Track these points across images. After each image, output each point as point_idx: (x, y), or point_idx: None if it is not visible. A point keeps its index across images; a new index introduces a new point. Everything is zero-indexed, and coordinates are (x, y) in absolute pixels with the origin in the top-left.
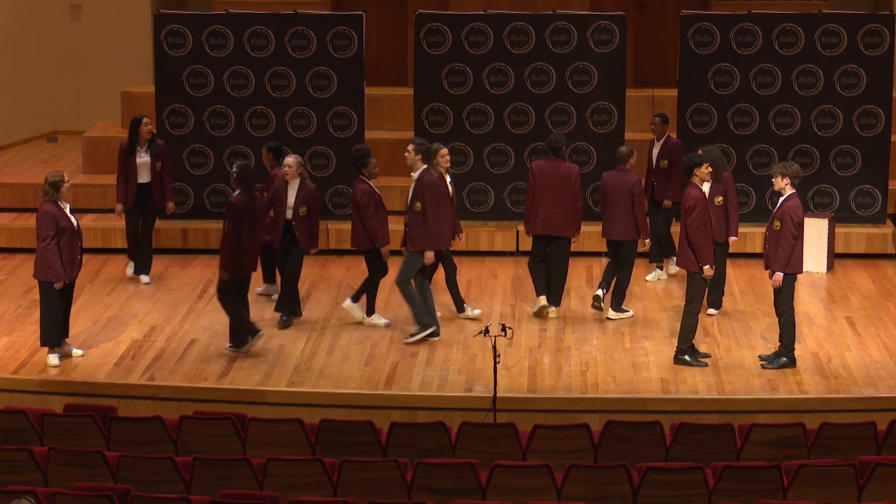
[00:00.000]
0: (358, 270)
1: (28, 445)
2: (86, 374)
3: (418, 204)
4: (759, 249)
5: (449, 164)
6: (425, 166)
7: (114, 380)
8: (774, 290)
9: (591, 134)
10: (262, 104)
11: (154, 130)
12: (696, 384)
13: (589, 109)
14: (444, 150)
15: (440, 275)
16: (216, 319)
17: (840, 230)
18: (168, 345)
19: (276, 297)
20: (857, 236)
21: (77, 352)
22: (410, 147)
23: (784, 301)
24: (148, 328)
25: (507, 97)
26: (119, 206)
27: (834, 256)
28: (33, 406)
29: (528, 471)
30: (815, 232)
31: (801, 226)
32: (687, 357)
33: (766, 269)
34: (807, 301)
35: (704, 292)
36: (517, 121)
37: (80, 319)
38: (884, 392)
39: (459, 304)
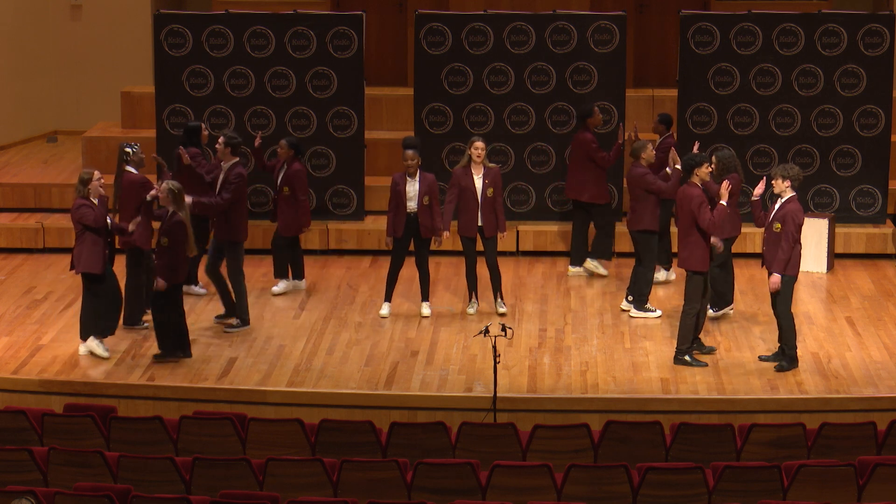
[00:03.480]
0: (358, 270)
1: (28, 445)
2: (86, 374)
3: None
4: (759, 249)
5: (480, 158)
6: (236, 159)
7: (114, 380)
8: (772, 293)
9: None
10: (262, 104)
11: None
12: (696, 384)
13: None
14: (478, 143)
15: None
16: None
17: (840, 230)
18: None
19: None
20: (857, 236)
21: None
22: (221, 140)
23: (783, 303)
24: (148, 328)
25: (507, 97)
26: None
27: (834, 256)
28: (33, 406)
29: (528, 471)
30: (815, 232)
31: (801, 228)
32: (687, 357)
33: (763, 267)
34: (807, 301)
35: (703, 292)
36: (517, 121)
37: None
38: (884, 392)
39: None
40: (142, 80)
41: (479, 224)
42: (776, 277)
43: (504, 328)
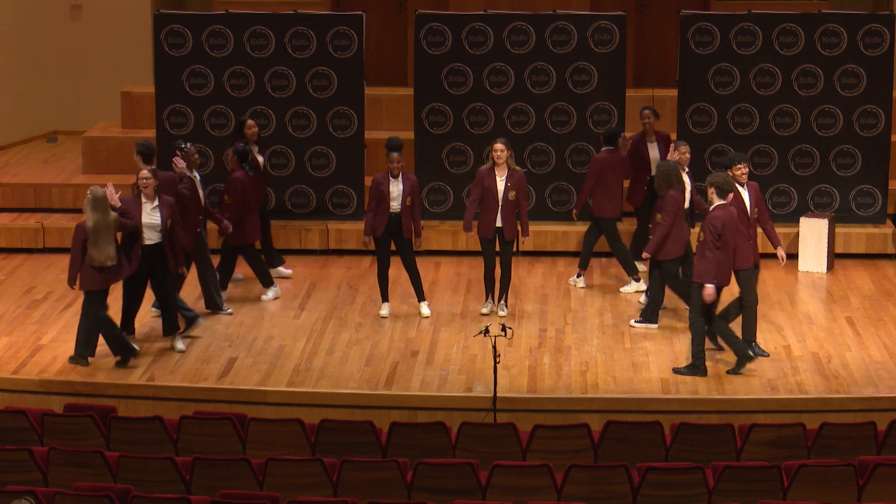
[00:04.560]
0: (358, 270)
1: (28, 445)
2: (86, 374)
3: None
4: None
5: (501, 160)
6: (150, 167)
7: (114, 380)
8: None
9: (591, 134)
10: (262, 104)
11: (256, 131)
12: (696, 384)
13: (589, 109)
14: (496, 145)
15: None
16: (216, 319)
17: (840, 230)
18: (168, 345)
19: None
20: (857, 236)
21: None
22: (135, 149)
23: (694, 310)
24: (148, 328)
25: (507, 97)
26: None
27: (834, 256)
28: (33, 406)
29: (528, 471)
30: (815, 232)
31: (721, 237)
32: (749, 351)
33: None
34: (807, 301)
35: (754, 285)
36: (517, 121)
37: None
38: (884, 392)
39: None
40: (142, 80)
41: (499, 226)
42: (709, 288)
43: (504, 328)
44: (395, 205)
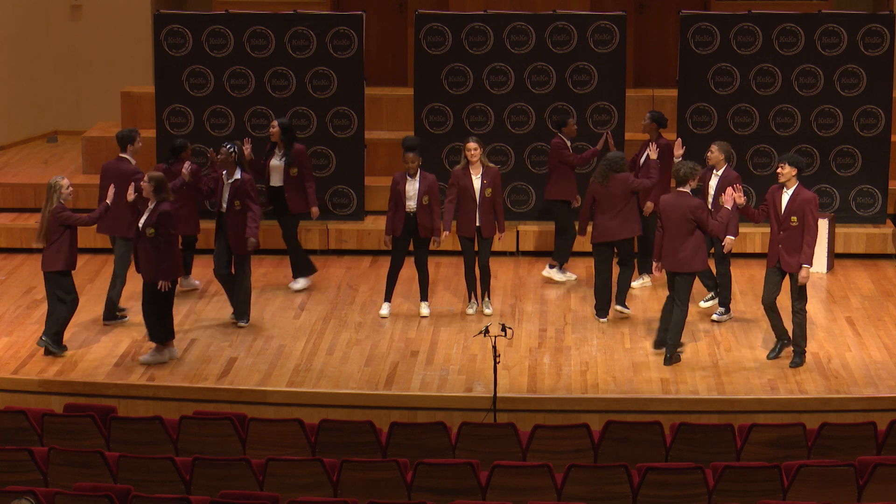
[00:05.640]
0: (358, 270)
1: (28, 445)
2: (86, 374)
3: None
4: (758, 249)
5: (474, 159)
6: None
7: (114, 380)
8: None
9: (591, 134)
10: (262, 104)
11: (276, 132)
12: (696, 384)
13: (589, 109)
14: (469, 143)
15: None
16: (216, 319)
17: (840, 230)
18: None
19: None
20: (857, 236)
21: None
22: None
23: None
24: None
25: (507, 97)
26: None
27: (834, 256)
28: (33, 406)
29: (528, 471)
30: None
31: (659, 219)
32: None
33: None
34: (807, 301)
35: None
36: (517, 121)
37: (81, 319)
38: (884, 392)
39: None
40: (142, 80)
41: (478, 224)
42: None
43: (504, 328)
44: (411, 204)
